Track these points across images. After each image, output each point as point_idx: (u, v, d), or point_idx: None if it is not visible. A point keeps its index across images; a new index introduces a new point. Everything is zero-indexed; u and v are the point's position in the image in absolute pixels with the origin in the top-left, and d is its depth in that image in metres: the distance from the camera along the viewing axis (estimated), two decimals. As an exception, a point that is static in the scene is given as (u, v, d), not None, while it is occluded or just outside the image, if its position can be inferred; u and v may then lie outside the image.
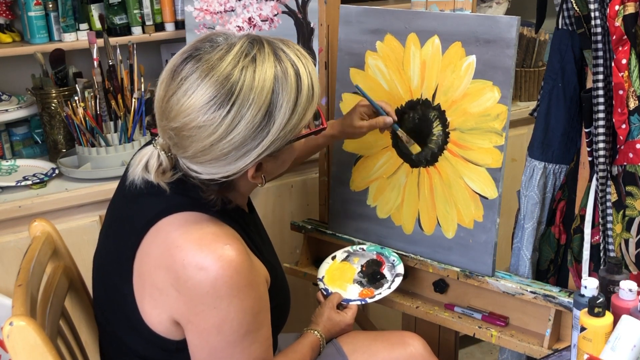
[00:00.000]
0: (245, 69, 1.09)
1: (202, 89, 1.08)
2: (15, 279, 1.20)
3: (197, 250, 1.10)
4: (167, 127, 1.13)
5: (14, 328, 1.04)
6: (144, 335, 1.18)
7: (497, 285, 1.52)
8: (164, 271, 1.12)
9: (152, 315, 1.16)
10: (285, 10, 2.03)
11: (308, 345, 1.41)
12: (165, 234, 1.13)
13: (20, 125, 2.11)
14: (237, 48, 1.10)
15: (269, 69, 1.10)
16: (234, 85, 1.07)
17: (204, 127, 1.08)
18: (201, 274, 1.09)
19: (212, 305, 1.10)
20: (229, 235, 1.14)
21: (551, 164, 1.63)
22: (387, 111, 1.57)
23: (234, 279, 1.10)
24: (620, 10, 1.34)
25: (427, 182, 1.59)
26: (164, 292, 1.13)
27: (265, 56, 1.11)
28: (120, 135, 1.90)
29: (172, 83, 1.11)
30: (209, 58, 1.09)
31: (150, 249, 1.15)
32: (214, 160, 1.12)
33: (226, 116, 1.08)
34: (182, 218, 1.15)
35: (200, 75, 1.08)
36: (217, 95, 1.07)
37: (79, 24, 2.07)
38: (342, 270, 1.64)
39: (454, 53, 1.50)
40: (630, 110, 1.38)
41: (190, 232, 1.12)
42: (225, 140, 1.09)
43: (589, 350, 1.18)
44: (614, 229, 1.46)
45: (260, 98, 1.08)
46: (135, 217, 1.19)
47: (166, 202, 1.16)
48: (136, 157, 1.19)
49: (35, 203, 1.79)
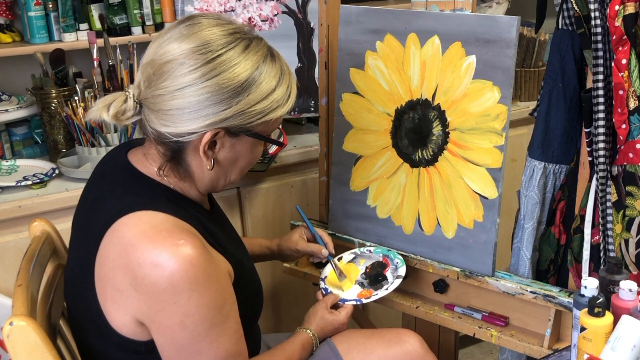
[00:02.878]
0: (238, 41, 1.18)
1: (194, 37, 1.16)
2: (15, 279, 1.20)
3: (151, 247, 1.10)
4: (149, 62, 1.17)
5: (14, 328, 1.04)
6: (113, 339, 1.18)
7: (497, 285, 1.52)
8: (122, 271, 1.12)
9: (117, 317, 1.16)
10: (285, 10, 2.03)
11: (299, 343, 1.40)
12: (121, 234, 1.13)
13: (20, 125, 2.11)
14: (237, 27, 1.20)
15: (260, 50, 1.19)
16: (223, 47, 1.16)
17: (182, 64, 1.14)
18: (157, 270, 1.09)
19: (172, 302, 1.10)
20: (183, 231, 1.14)
21: (551, 164, 1.63)
22: (325, 242, 1.62)
23: (191, 273, 1.10)
24: (620, 10, 1.34)
25: (427, 182, 1.59)
26: (124, 293, 1.13)
27: (260, 47, 1.21)
28: (120, 135, 1.90)
29: (181, 24, 1.19)
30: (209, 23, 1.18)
31: (107, 252, 1.15)
32: (175, 110, 1.14)
33: (207, 64, 1.14)
34: (137, 217, 1.15)
35: (195, 31, 1.16)
36: (205, 44, 1.15)
37: (79, 24, 2.07)
38: (347, 271, 1.64)
39: (454, 53, 1.50)
40: (630, 110, 1.38)
41: (144, 230, 1.13)
42: (197, 86, 1.14)
43: (589, 350, 1.18)
44: (614, 229, 1.46)
45: (246, 65, 1.16)
46: (93, 223, 1.19)
47: (121, 203, 1.17)
48: (99, 100, 1.21)
49: (35, 203, 1.79)
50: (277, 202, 2.05)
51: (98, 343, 1.21)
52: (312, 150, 2.09)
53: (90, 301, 1.18)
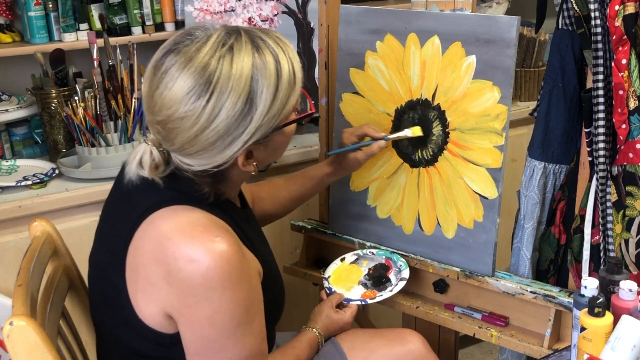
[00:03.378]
0: (222, 58, 1.11)
1: (182, 80, 1.11)
2: (15, 279, 1.20)
3: (188, 242, 1.11)
4: (153, 121, 1.15)
5: (14, 328, 1.04)
6: (138, 329, 1.18)
7: (497, 285, 1.52)
8: (156, 264, 1.13)
9: (146, 309, 1.16)
10: (285, 10, 2.03)
11: (306, 342, 1.41)
12: (157, 227, 1.14)
13: (20, 125, 2.11)
14: (213, 39, 1.13)
15: (246, 56, 1.12)
16: (212, 75, 1.10)
17: (186, 117, 1.11)
18: (192, 265, 1.10)
19: (204, 297, 1.10)
20: (220, 227, 1.15)
21: (551, 164, 1.63)
22: (373, 135, 1.55)
23: (225, 271, 1.10)
24: (620, 10, 1.34)
25: (427, 182, 1.59)
26: (156, 286, 1.14)
27: (243, 45, 1.13)
28: (120, 135, 1.90)
29: (155, 77, 1.14)
30: (187, 50, 1.12)
31: (142, 243, 1.15)
32: (202, 151, 1.14)
33: (206, 105, 1.10)
34: (173, 212, 1.15)
35: (179, 67, 1.11)
36: (195, 85, 1.10)
37: (79, 24, 2.07)
38: (349, 272, 1.65)
39: (454, 53, 1.50)
40: (630, 110, 1.38)
41: (181, 225, 1.13)
42: (209, 129, 1.11)
43: (589, 350, 1.18)
44: (614, 229, 1.46)
45: (239, 85, 1.11)
46: (128, 212, 1.19)
47: (158, 196, 1.17)
48: (131, 155, 1.20)
49: (35, 203, 1.79)
50: (277, 202, 2.05)
51: (121, 330, 1.22)
52: (312, 150, 2.08)
53: (119, 289, 1.18)
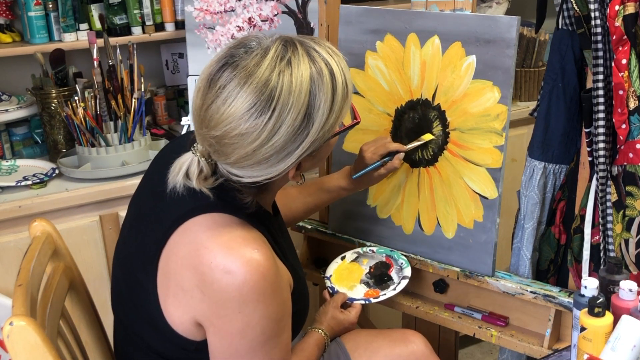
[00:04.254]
0: (282, 73, 1.09)
1: (242, 96, 1.08)
2: (15, 279, 1.20)
3: (226, 253, 1.09)
4: (207, 135, 1.12)
5: (14, 328, 1.04)
6: (164, 333, 1.17)
7: (497, 285, 1.52)
8: (190, 271, 1.11)
9: (175, 314, 1.16)
10: (285, 10, 2.03)
11: (314, 343, 1.41)
12: (194, 234, 1.13)
13: (20, 125, 2.11)
14: (272, 52, 1.10)
15: (304, 70, 1.10)
16: (273, 91, 1.07)
17: (246, 134, 1.08)
18: (228, 277, 1.08)
19: (237, 310, 1.09)
20: (257, 240, 1.13)
21: (551, 164, 1.63)
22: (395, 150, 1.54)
23: (261, 285, 1.09)
24: (620, 10, 1.34)
25: (427, 182, 1.59)
26: (188, 293, 1.12)
27: (300, 58, 1.11)
28: (120, 135, 1.90)
29: (210, 91, 1.11)
30: (245, 65, 1.09)
31: (177, 248, 1.14)
32: (256, 165, 1.12)
33: (268, 122, 1.08)
34: (211, 219, 1.14)
35: (239, 83, 1.08)
36: (257, 102, 1.07)
37: (79, 24, 2.07)
38: (351, 270, 1.65)
39: (454, 53, 1.50)
40: (630, 110, 1.38)
41: (219, 234, 1.12)
42: (267, 145, 1.09)
43: (589, 350, 1.18)
44: (614, 229, 1.46)
45: (299, 101, 1.09)
46: (163, 214, 1.18)
47: (195, 202, 1.15)
48: (176, 164, 1.17)
49: (35, 203, 1.79)
50: (277, 202, 2.05)
51: (145, 329, 1.21)
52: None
53: (148, 291, 1.17)
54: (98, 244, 1.88)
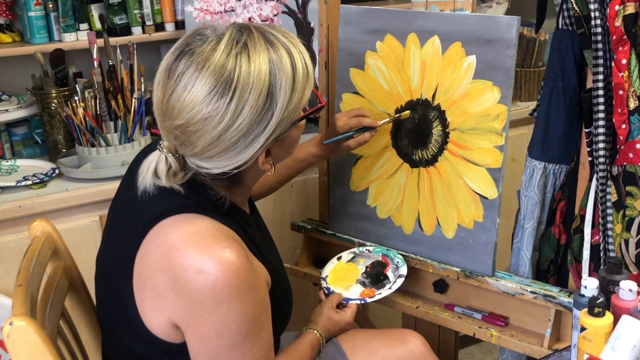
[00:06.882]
0: (239, 55, 1.10)
1: (201, 80, 1.09)
2: (15, 279, 1.20)
3: (197, 253, 1.09)
4: (171, 126, 1.13)
5: (14, 328, 1.04)
6: (144, 337, 1.17)
7: (497, 285, 1.52)
8: (164, 274, 1.11)
9: (152, 318, 1.16)
10: (285, 10, 2.03)
11: (308, 344, 1.41)
12: (165, 235, 1.13)
13: (20, 125, 2.11)
14: (227, 37, 1.12)
15: (262, 52, 1.12)
16: (232, 72, 1.09)
17: (209, 117, 1.09)
18: (200, 277, 1.08)
19: (212, 309, 1.09)
20: (229, 238, 1.13)
21: (551, 164, 1.63)
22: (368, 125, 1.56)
23: (234, 283, 1.09)
24: (620, 10, 1.34)
25: (427, 182, 1.59)
26: (163, 296, 1.12)
27: (256, 41, 1.12)
28: (120, 135, 1.90)
29: (169, 82, 1.12)
30: (201, 50, 1.11)
31: (149, 251, 1.14)
32: (223, 152, 1.12)
33: (230, 103, 1.09)
34: (182, 220, 1.14)
35: (197, 68, 1.09)
36: (217, 84, 1.09)
37: (79, 24, 2.07)
38: (347, 270, 1.65)
39: (454, 53, 1.50)
40: (630, 110, 1.38)
41: (189, 235, 1.12)
42: (232, 128, 1.10)
43: (589, 350, 1.18)
44: (614, 229, 1.46)
45: (260, 81, 1.10)
46: (137, 218, 1.18)
47: (166, 203, 1.15)
48: (144, 165, 1.17)
49: (35, 203, 1.79)
50: (277, 202, 2.05)
51: (127, 335, 1.21)
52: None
53: (125, 296, 1.17)
54: (98, 244, 1.86)
